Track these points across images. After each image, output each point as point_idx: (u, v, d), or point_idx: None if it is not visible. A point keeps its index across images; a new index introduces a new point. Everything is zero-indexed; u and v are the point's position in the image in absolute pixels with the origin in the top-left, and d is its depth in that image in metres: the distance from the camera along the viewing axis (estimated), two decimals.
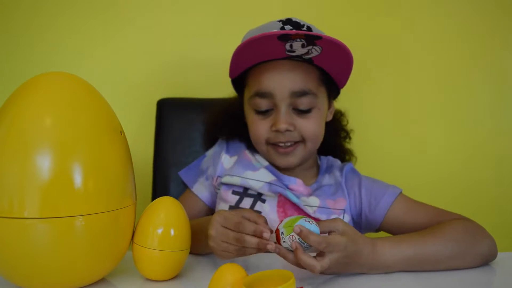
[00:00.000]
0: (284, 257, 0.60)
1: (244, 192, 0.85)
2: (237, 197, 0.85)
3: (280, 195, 0.83)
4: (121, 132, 0.64)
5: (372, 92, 1.21)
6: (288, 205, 0.83)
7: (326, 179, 0.89)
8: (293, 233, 0.59)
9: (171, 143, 1.06)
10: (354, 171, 0.90)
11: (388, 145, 1.22)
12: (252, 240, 0.61)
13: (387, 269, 0.67)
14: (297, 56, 0.77)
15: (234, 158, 0.90)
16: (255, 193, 0.85)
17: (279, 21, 0.79)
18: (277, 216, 0.82)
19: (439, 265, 0.68)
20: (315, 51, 0.74)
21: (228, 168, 0.89)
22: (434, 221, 0.75)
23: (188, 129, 1.07)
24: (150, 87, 1.17)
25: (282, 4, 1.19)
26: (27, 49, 1.15)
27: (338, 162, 0.93)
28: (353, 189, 0.85)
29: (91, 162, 0.57)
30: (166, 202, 0.66)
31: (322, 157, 0.94)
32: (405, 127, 1.23)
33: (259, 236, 0.61)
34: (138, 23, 1.17)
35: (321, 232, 0.61)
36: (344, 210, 0.83)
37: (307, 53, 0.75)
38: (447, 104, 1.22)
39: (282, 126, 0.79)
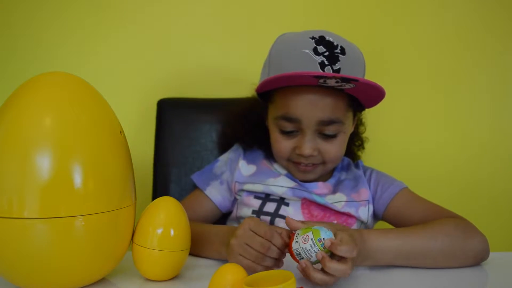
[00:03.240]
0: (309, 273, 0.59)
1: (266, 197, 0.86)
2: (260, 201, 0.85)
3: (304, 197, 0.85)
4: (121, 132, 0.64)
5: None
6: (313, 206, 0.85)
7: (344, 175, 0.91)
8: (308, 234, 0.59)
9: (171, 143, 1.06)
10: (365, 166, 0.96)
11: (390, 143, 1.22)
12: (277, 251, 0.62)
13: (376, 260, 0.66)
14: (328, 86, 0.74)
15: (252, 167, 0.91)
16: (278, 198, 0.85)
17: (312, 38, 0.75)
18: (302, 218, 0.83)
19: (430, 260, 0.68)
20: (348, 86, 0.72)
21: (247, 175, 0.89)
22: (430, 217, 0.75)
23: (188, 129, 1.07)
24: (150, 87, 1.17)
25: (284, 6, 1.19)
26: (28, 49, 1.15)
27: (351, 161, 0.96)
28: (366, 179, 0.90)
29: (91, 162, 0.57)
30: (166, 202, 0.66)
31: None
32: (407, 126, 1.23)
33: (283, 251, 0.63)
34: (138, 23, 1.17)
35: None
36: (368, 200, 0.86)
37: (339, 85, 0.73)
38: (448, 104, 1.23)
39: (307, 151, 0.79)
